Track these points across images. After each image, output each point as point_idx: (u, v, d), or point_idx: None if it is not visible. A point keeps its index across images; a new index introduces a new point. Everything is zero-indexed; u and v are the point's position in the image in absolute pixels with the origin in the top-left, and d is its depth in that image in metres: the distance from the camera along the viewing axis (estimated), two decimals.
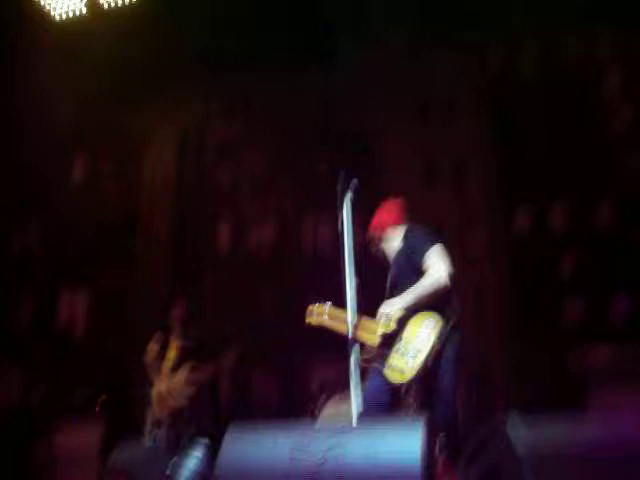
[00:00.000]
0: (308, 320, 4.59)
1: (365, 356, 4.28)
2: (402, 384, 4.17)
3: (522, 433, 3.08)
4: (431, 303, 4.29)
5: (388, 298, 4.47)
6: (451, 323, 4.25)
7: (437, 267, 4.31)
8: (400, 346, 4.22)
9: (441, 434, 4.24)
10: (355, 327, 4.14)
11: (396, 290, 4.42)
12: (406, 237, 4.58)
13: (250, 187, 25.68)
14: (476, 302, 27.66)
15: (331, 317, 4.51)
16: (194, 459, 3.74)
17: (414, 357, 4.16)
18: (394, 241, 4.68)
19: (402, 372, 4.14)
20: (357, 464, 2.86)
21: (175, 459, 3.78)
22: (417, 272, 4.41)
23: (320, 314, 4.55)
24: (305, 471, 2.89)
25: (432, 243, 4.39)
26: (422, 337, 4.20)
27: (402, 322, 4.31)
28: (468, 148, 28.53)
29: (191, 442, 3.71)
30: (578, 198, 27.55)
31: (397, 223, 4.63)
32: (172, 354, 6.88)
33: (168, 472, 3.75)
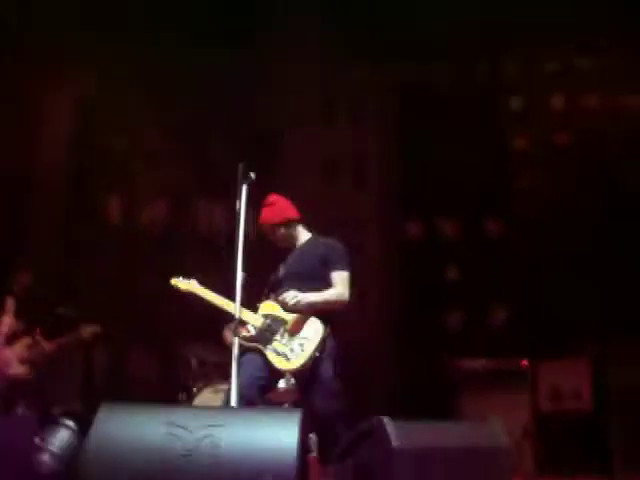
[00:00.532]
0: (175, 282, 4.50)
1: (245, 334, 4.27)
2: (285, 370, 4.20)
3: (396, 431, 3.13)
4: (323, 313, 4.42)
5: (279, 282, 4.51)
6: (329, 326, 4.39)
7: (344, 289, 4.47)
8: (284, 334, 4.27)
9: (316, 428, 4.34)
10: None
11: (292, 282, 4.46)
12: (327, 246, 4.61)
13: (145, 161, 25.15)
14: (361, 303, 27.95)
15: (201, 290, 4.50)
16: (64, 433, 3.60)
17: (301, 347, 4.22)
18: (296, 233, 4.71)
19: (287, 359, 4.18)
20: (233, 448, 2.82)
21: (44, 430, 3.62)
22: (321, 280, 4.51)
23: (189, 283, 4.51)
24: (180, 448, 2.81)
25: (348, 267, 4.55)
26: (308, 331, 4.28)
27: (281, 319, 4.37)
28: (370, 152, 28.91)
29: (59, 419, 3.55)
30: (468, 213, 28.37)
31: (297, 217, 4.72)
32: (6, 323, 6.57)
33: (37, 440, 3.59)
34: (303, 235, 4.75)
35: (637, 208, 10.17)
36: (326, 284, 4.52)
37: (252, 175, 4.18)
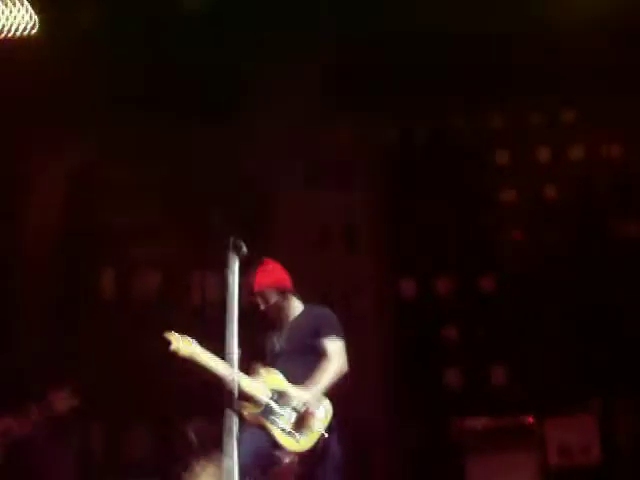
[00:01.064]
0: (175, 346, 4.34)
1: (251, 412, 4.16)
2: (294, 451, 4.08)
3: None
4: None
5: (276, 356, 4.42)
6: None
7: (342, 359, 4.46)
8: (289, 412, 4.16)
9: None
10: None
11: (288, 359, 4.39)
12: (317, 315, 4.57)
13: (138, 234, 25.20)
14: (358, 369, 27.63)
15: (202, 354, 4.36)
16: None
17: (310, 427, 4.11)
18: (290, 304, 4.64)
19: (297, 439, 4.07)
20: None
21: None
22: (316, 352, 4.43)
23: (189, 345, 4.36)
24: None
25: (341, 336, 4.52)
26: (316, 410, 4.20)
27: (287, 394, 4.26)
28: (360, 214, 29.10)
29: None
30: (462, 271, 28.48)
31: (292, 287, 4.67)
32: None
33: None
34: (296, 306, 4.67)
35: (628, 256, 10.21)
36: (320, 356, 4.39)
37: (244, 248, 4.17)
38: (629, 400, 7.77)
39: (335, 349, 4.42)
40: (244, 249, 4.13)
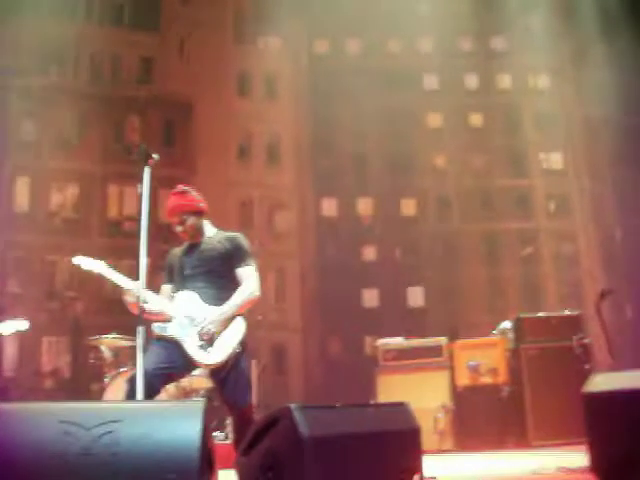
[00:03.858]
0: (78, 262, 4.30)
1: (161, 324, 4.18)
2: (206, 365, 4.17)
3: (305, 419, 3.05)
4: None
5: (184, 277, 4.41)
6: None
7: (254, 284, 4.46)
8: (200, 327, 4.19)
9: (234, 420, 4.30)
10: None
11: (198, 279, 4.40)
12: (230, 239, 4.55)
13: (55, 144, 24.54)
14: (279, 284, 27.85)
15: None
16: None
17: (223, 342, 4.19)
18: (204, 227, 4.60)
19: (208, 353, 4.14)
20: (133, 441, 2.66)
21: None
22: (227, 275, 4.46)
23: (93, 261, 4.33)
24: (76, 447, 2.64)
25: (252, 261, 4.55)
26: (230, 326, 4.23)
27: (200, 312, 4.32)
28: (285, 129, 28.66)
29: None
30: (383, 189, 28.53)
31: (206, 210, 4.63)
32: None
33: None
34: (209, 230, 4.64)
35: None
36: (233, 279, 4.46)
37: (155, 156, 4.09)
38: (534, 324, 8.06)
39: (248, 274, 4.45)
40: (154, 156, 4.07)
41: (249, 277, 4.47)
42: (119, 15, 26.10)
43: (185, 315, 4.24)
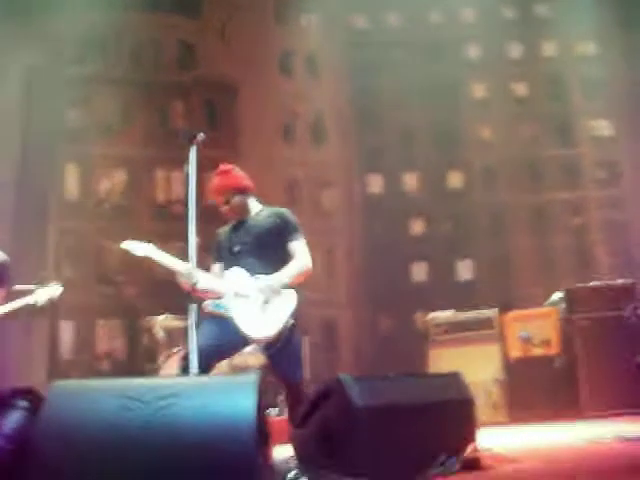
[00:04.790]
0: (127, 247, 4.33)
1: (212, 301, 4.21)
2: (258, 339, 4.18)
3: (357, 389, 3.07)
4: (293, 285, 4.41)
5: (233, 255, 4.43)
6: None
7: (306, 256, 4.51)
8: (256, 302, 4.20)
9: (286, 394, 4.33)
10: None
11: (249, 256, 4.41)
12: (278, 215, 4.57)
13: (101, 131, 24.87)
14: (327, 262, 27.93)
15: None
16: (16, 413, 3.46)
17: (275, 315, 4.18)
18: (250, 206, 4.62)
19: (260, 327, 4.14)
20: (191, 415, 2.73)
21: None
22: (276, 251, 4.48)
23: (145, 247, 4.36)
24: (135, 422, 2.72)
25: (302, 235, 4.60)
26: (281, 300, 4.23)
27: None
28: (329, 107, 28.54)
29: (9, 399, 3.41)
30: (429, 163, 28.27)
31: (252, 188, 4.64)
32: None
33: None
34: (255, 207, 4.65)
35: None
36: (282, 254, 4.49)
37: (201, 135, 4.10)
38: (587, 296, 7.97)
39: (300, 248, 4.47)
40: (200, 136, 4.07)
41: (301, 251, 4.50)
42: (158, 0, 26.23)
43: (236, 291, 4.27)
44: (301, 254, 4.49)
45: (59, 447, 2.75)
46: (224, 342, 4.16)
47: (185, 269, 4.10)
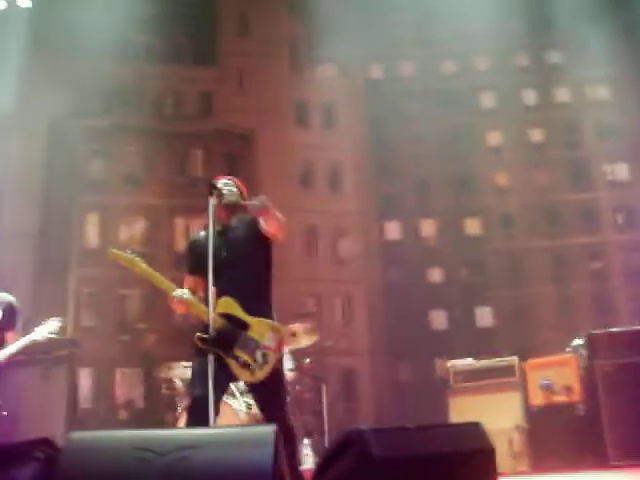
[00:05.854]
0: (114, 253, 4.28)
1: (202, 336, 4.09)
2: (248, 382, 4.13)
3: (377, 440, 3.04)
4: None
5: (219, 265, 4.08)
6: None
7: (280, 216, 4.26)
8: (246, 341, 4.11)
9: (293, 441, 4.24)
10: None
11: (231, 266, 4.18)
12: (253, 218, 4.29)
13: (122, 181, 25.22)
14: (346, 310, 27.83)
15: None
16: (33, 464, 3.46)
17: (264, 358, 4.08)
18: (237, 210, 4.36)
19: (252, 371, 4.06)
20: (207, 467, 2.71)
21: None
22: (263, 259, 4.33)
23: (131, 257, 4.31)
24: (152, 473, 2.71)
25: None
26: (269, 339, 4.14)
27: (243, 323, 4.21)
28: (346, 156, 28.80)
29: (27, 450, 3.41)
30: (446, 210, 28.26)
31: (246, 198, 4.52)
32: None
33: None
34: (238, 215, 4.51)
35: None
36: (263, 256, 4.35)
37: (219, 184, 4.16)
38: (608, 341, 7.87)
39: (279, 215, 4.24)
40: (218, 185, 4.20)
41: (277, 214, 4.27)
42: (178, 52, 26.79)
43: (228, 324, 4.11)
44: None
45: None
46: (219, 386, 4.04)
47: (170, 286, 4.17)
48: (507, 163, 28.84)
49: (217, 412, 3.89)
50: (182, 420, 7.37)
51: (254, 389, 4.17)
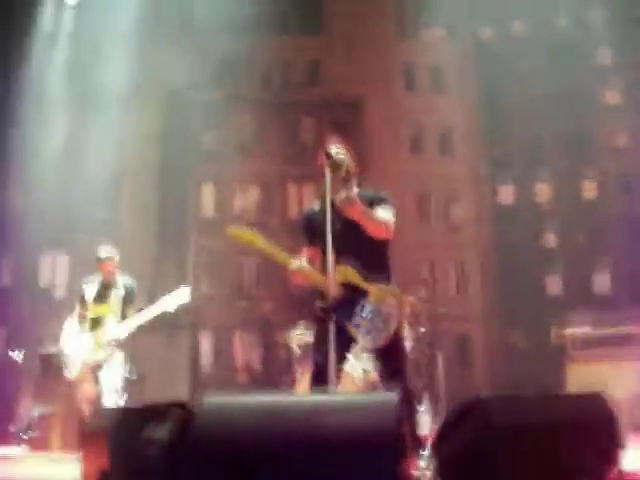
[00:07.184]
0: (235, 233, 4.36)
1: (323, 305, 4.13)
2: (370, 348, 4.09)
3: (499, 409, 3.07)
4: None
5: (333, 234, 4.00)
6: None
7: (391, 217, 4.27)
8: (366, 308, 4.15)
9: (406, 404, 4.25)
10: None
11: (349, 235, 4.15)
12: (371, 194, 4.34)
13: (235, 151, 25.81)
14: (459, 275, 27.59)
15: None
16: (169, 424, 3.68)
17: (385, 324, 4.11)
18: (349, 188, 4.28)
19: (372, 337, 4.09)
20: (334, 433, 2.80)
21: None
22: (373, 241, 4.27)
23: (249, 233, 4.38)
24: (282, 436, 2.83)
25: (393, 206, 4.36)
26: (390, 305, 4.17)
27: (362, 290, 4.19)
28: (456, 119, 28.28)
29: (163, 410, 3.63)
30: (561, 172, 27.40)
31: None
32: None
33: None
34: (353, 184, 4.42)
35: None
36: (378, 245, 4.34)
37: (333, 151, 4.16)
38: None
39: (386, 211, 4.24)
40: (332, 152, 4.16)
41: (388, 212, 4.32)
42: (285, 22, 26.95)
43: (347, 292, 4.15)
44: (386, 213, 4.29)
45: (210, 456, 2.91)
46: (340, 354, 4.09)
47: (289, 260, 4.22)
48: (626, 123, 27.56)
49: (338, 379, 3.98)
50: (299, 384, 7.59)
51: (374, 355, 4.20)
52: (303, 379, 7.52)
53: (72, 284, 20.43)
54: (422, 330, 7.91)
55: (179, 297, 6.41)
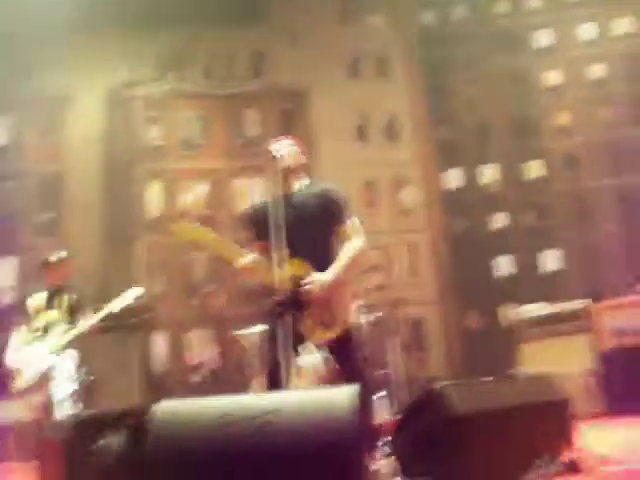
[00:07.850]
0: (179, 228, 4.30)
1: (275, 298, 4.09)
2: (322, 340, 4.04)
3: (457, 396, 3.08)
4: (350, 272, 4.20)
5: (287, 226, 4.03)
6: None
7: (360, 237, 4.23)
8: (317, 301, 4.12)
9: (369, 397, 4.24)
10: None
11: (298, 232, 4.08)
12: (326, 193, 4.33)
13: (180, 146, 25.49)
14: (411, 260, 27.75)
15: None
16: (123, 432, 3.63)
17: (335, 315, 4.07)
18: (299, 182, 4.32)
19: (324, 328, 4.06)
20: (293, 430, 2.79)
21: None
22: (330, 232, 4.26)
23: (195, 229, 4.33)
24: (240, 437, 2.80)
25: (352, 214, 4.29)
26: (340, 297, 4.15)
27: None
28: (402, 105, 28.38)
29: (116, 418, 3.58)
30: (508, 153, 27.79)
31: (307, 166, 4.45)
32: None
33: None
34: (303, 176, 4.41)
35: None
36: (330, 231, 4.29)
37: (274, 146, 4.15)
38: None
39: (353, 231, 4.20)
40: (273, 147, 4.15)
41: (355, 231, 4.27)
42: (228, 13, 26.68)
43: (299, 293, 4.06)
44: (355, 235, 4.23)
45: (165, 462, 2.87)
46: (294, 346, 4.06)
47: (239, 254, 4.17)
48: (568, 102, 28.06)
49: (296, 373, 3.96)
50: (255, 380, 7.53)
51: (330, 346, 4.17)
52: (259, 376, 7.47)
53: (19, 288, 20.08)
54: (377, 316, 7.91)
55: (131, 297, 6.31)
